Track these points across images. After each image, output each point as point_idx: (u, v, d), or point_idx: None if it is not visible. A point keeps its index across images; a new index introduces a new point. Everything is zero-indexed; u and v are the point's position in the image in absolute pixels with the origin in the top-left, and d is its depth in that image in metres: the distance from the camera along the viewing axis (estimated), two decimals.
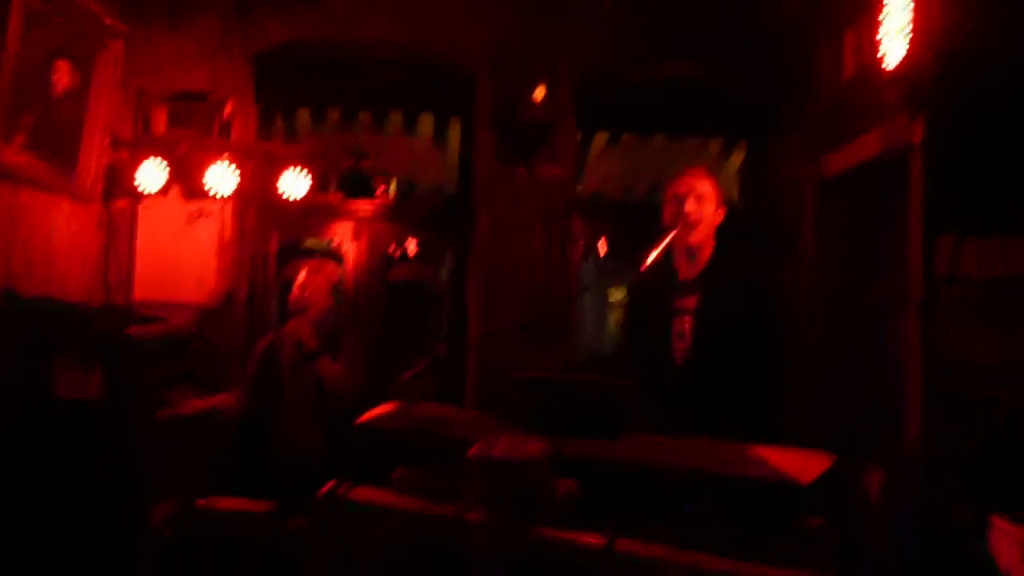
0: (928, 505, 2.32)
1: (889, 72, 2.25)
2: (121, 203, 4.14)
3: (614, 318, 5.47)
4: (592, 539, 1.48)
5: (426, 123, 5.19)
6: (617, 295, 5.49)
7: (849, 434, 3.54)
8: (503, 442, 1.61)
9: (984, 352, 2.39)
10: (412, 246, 5.57)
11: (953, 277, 2.39)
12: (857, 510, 2.58)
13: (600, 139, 5.24)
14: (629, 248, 4.49)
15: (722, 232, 2.64)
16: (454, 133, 5.03)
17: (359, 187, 4.40)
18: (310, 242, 5.06)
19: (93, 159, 3.86)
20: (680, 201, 2.54)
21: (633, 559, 1.44)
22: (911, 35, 2.17)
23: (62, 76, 3.61)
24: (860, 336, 3.67)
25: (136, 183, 3.98)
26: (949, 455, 2.34)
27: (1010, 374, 2.29)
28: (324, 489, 1.83)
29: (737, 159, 5.19)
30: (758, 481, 1.47)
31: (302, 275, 3.54)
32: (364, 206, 4.61)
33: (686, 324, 2.56)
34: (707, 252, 2.60)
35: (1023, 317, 2.22)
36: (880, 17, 2.60)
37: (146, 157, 4.00)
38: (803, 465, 1.50)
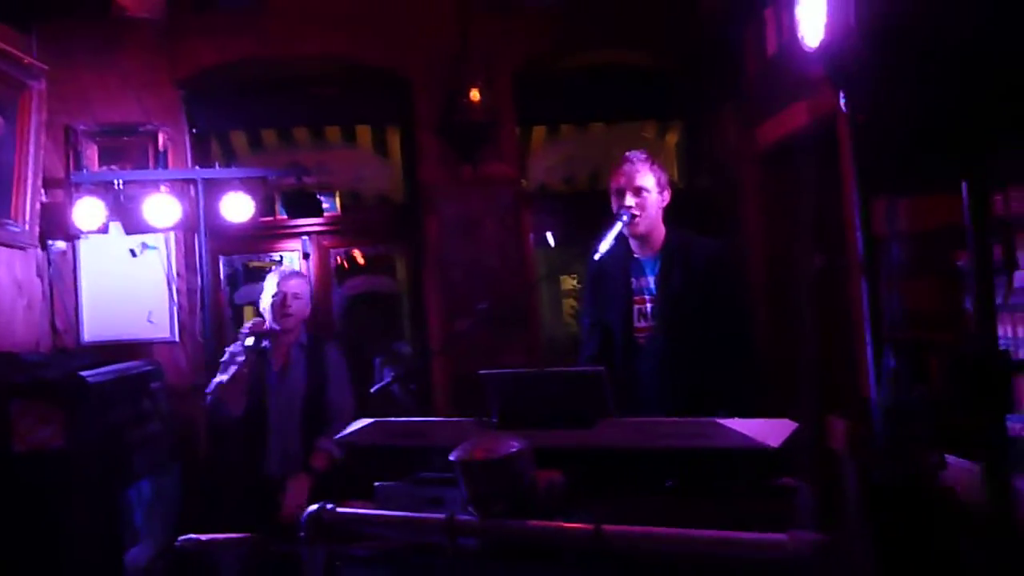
0: (890, 449, 2.44)
1: (810, 49, 2.35)
2: (60, 245, 4.05)
3: (569, 305, 5.54)
4: (579, 526, 1.52)
5: (364, 134, 5.18)
6: (569, 283, 5.56)
7: (810, 395, 3.65)
8: (482, 443, 1.64)
9: (924, 301, 2.53)
10: (360, 256, 5.56)
11: (889, 235, 2.52)
12: (825, 465, 2.69)
13: (539, 132, 5.30)
14: (578, 237, 4.56)
15: (671, 212, 2.70)
16: (393, 141, 5.03)
17: (304, 204, 4.36)
18: (258, 264, 5.00)
19: (27, 203, 3.76)
20: (621, 195, 2.58)
21: (620, 541, 1.49)
22: (827, 14, 2.27)
23: None
24: (809, 301, 3.78)
25: (74, 223, 3.89)
26: (904, 400, 2.46)
27: (948, 318, 2.43)
28: (308, 511, 1.83)
29: (672, 139, 5.29)
30: (731, 450, 1.53)
31: (283, 286, 3.34)
32: (310, 223, 4.58)
33: (646, 304, 2.62)
34: (659, 234, 2.66)
35: (952, 266, 2.35)
36: None
37: (81, 196, 3.91)
38: (770, 431, 1.57)
